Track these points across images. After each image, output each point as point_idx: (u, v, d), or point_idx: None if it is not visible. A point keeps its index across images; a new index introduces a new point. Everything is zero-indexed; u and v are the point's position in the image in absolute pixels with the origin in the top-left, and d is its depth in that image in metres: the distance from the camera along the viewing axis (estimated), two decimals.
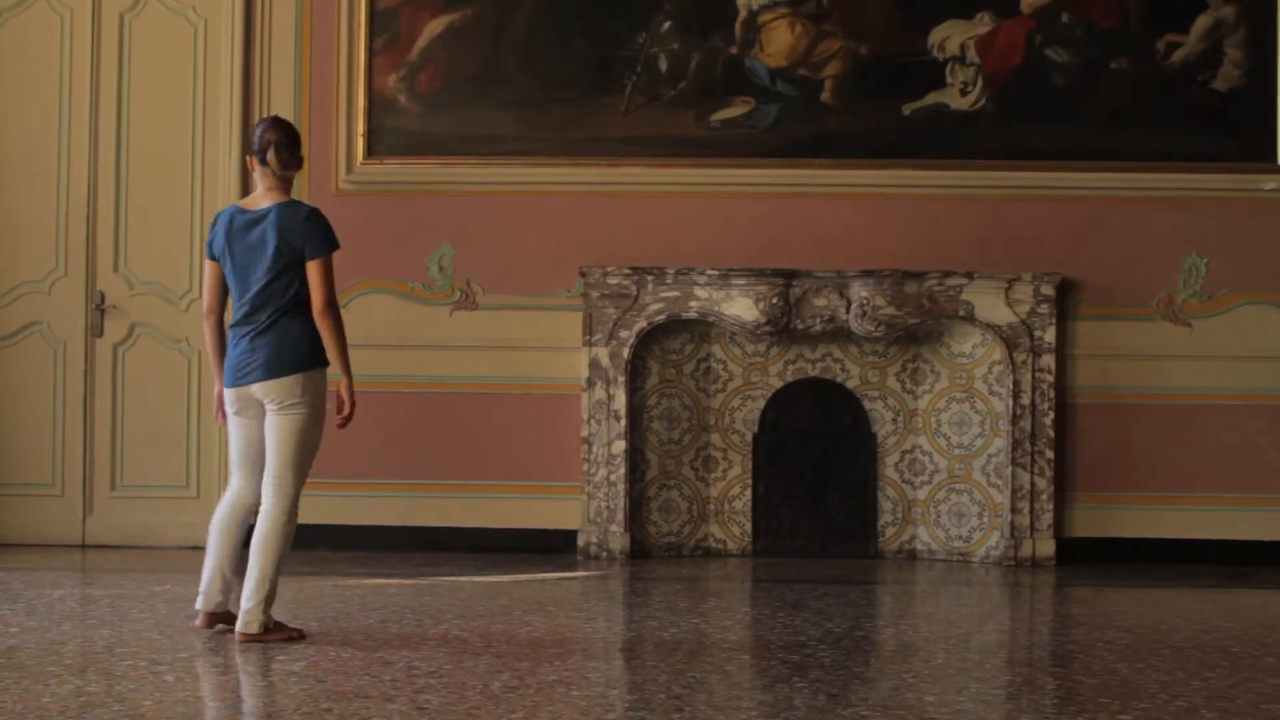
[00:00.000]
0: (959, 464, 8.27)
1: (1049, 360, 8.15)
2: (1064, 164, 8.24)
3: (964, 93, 8.28)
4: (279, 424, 5.78)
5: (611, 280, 8.18)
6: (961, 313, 8.15)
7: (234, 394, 5.87)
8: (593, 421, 8.17)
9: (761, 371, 8.37)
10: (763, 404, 8.35)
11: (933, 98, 8.29)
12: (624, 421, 8.15)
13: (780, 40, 8.32)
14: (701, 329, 8.35)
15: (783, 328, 8.11)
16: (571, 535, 8.24)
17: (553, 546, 8.23)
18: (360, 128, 8.31)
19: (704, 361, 8.39)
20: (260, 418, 5.86)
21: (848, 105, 8.31)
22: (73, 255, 8.36)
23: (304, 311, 5.79)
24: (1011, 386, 8.13)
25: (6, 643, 5.72)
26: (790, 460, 8.36)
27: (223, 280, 5.93)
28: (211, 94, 8.32)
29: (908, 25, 8.30)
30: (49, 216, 8.36)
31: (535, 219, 8.32)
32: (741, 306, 8.09)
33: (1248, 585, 7.63)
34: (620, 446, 8.15)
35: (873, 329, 8.07)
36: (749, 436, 8.36)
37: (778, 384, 8.36)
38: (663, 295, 8.19)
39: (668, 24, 8.32)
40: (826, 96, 8.32)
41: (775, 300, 8.04)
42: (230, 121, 8.29)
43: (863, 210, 8.28)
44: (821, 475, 8.34)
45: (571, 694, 5.11)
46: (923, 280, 8.11)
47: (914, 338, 8.30)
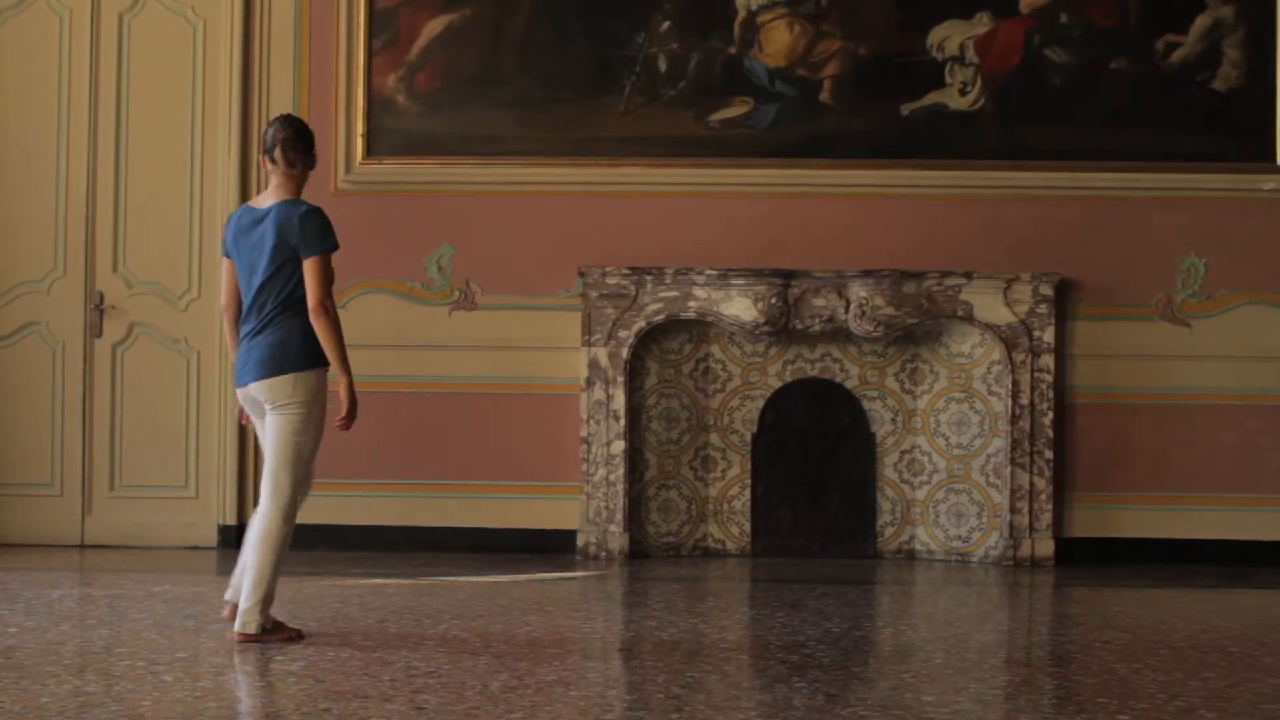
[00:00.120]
0: (958, 464, 8.27)
1: (1048, 360, 8.15)
2: (1063, 164, 8.24)
3: (963, 93, 8.28)
4: (275, 424, 5.74)
5: (610, 280, 8.18)
6: (960, 313, 8.15)
7: (240, 394, 5.86)
8: (592, 421, 8.17)
9: (760, 371, 8.37)
10: (762, 404, 8.35)
11: (932, 98, 8.29)
12: (623, 421, 8.15)
13: (779, 40, 8.32)
14: (700, 329, 8.35)
15: (782, 328, 8.11)
16: (570, 535, 8.23)
17: (552, 546, 8.23)
18: (359, 128, 8.31)
19: (703, 361, 8.39)
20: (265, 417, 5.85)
21: (847, 105, 8.31)
22: (72, 255, 8.36)
23: (303, 311, 5.73)
24: (1010, 386, 8.13)
25: (5, 642, 5.72)
26: (789, 460, 8.36)
27: (236, 278, 5.92)
28: (210, 94, 8.32)
29: (907, 25, 8.30)
30: (48, 216, 8.36)
31: (534, 219, 8.31)
32: (740, 306, 8.08)
33: (1247, 585, 7.62)
34: (619, 446, 8.15)
35: (872, 329, 8.07)
36: (748, 436, 8.36)
37: (777, 384, 8.35)
38: (662, 295, 8.19)
39: (667, 24, 8.31)
40: (825, 96, 8.32)
41: (774, 300, 8.04)
42: (229, 121, 8.29)
43: (862, 210, 8.28)
44: (820, 475, 8.34)
45: (570, 694, 5.11)
46: (922, 280, 8.11)
47: (913, 338, 8.30)
